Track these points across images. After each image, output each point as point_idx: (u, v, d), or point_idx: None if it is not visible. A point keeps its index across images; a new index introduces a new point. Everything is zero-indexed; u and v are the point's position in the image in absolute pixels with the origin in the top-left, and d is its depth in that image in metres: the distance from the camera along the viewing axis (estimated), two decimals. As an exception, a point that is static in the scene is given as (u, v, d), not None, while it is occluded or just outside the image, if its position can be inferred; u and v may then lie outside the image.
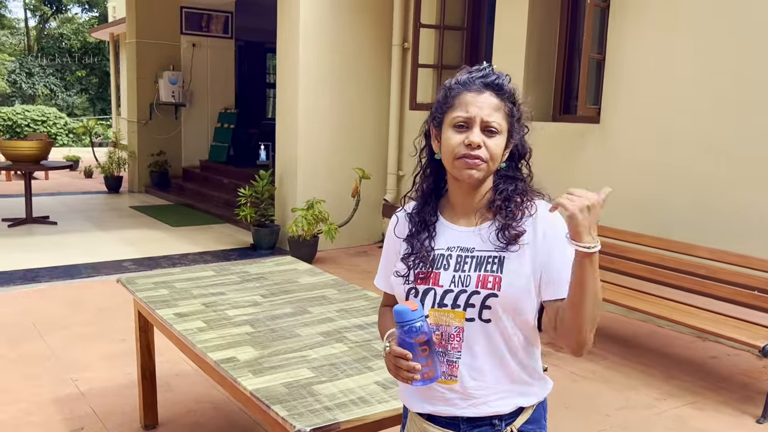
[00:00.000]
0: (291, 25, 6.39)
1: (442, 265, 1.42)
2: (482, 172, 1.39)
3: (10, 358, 3.79)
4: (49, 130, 20.78)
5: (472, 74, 1.43)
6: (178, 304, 2.60)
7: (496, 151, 1.39)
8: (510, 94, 1.42)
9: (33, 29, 29.06)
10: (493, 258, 1.39)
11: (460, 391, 1.40)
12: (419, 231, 1.48)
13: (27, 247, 6.50)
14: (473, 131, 1.37)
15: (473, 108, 1.38)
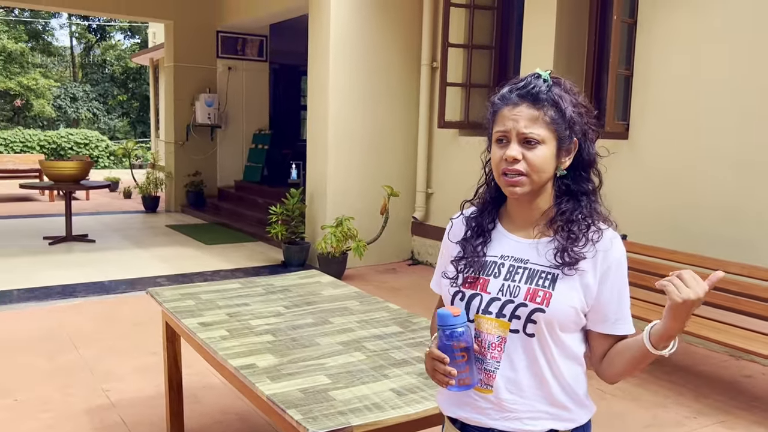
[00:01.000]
0: (321, 47, 6.53)
1: (493, 272, 1.41)
2: (525, 186, 1.37)
3: (46, 369, 3.91)
4: (91, 153, 21.45)
5: (511, 87, 1.41)
6: (203, 314, 2.67)
7: (537, 162, 1.35)
8: (552, 101, 1.37)
9: (78, 56, 30.14)
10: (546, 274, 1.38)
11: (495, 402, 1.38)
12: (474, 236, 1.47)
13: (65, 263, 6.70)
14: (511, 145, 1.36)
15: (509, 122, 1.37)
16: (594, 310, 1.38)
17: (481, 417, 1.40)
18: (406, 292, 5.87)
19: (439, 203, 6.91)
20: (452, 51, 6.43)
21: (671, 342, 1.27)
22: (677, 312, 1.21)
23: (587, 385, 1.44)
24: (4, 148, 20.48)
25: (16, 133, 21.35)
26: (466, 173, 6.35)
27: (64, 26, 29.34)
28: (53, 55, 28.74)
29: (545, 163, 1.36)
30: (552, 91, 1.37)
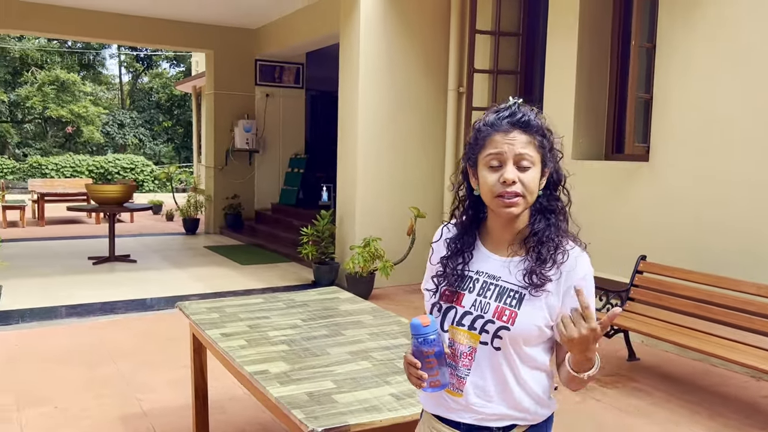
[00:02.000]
0: (351, 74, 6.77)
1: (468, 287, 1.52)
2: (520, 207, 1.46)
3: (85, 380, 4.15)
4: (136, 177, 22.21)
5: (499, 114, 1.49)
6: (225, 326, 2.85)
7: (532, 184, 1.45)
8: (538, 128, 1.48)
9: (126, 84, 31.35)
10: (514, 293, 1.47)
11: (464, 405, 1.50)
12: (455, 255, 1.55)
13: (107, 282, 7.02)
14: (507, 168, 1.44)
15: (504, 146, 1.45)
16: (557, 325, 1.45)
17: (452, 415, 1.54)
18: (432, 312, 5.98)
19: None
20: (478, 76, 6.60)
21: (589, 367, 1.39)
22: (571, 347, 1.36)
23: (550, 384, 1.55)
24: (55, 172, 21.39)
25: (67, 158, 22.28)
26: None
27: (113, 56, 30.59)
28: (103, 84, 29.96)
29: (536, 184, 1.47)
30: (537, 118, 1.50)
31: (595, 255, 5.01)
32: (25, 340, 4.96)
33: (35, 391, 3.94)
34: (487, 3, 6.53)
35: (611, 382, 4.20)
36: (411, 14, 6.83)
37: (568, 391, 3.86)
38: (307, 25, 8.98)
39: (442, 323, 1.53)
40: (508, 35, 6.59)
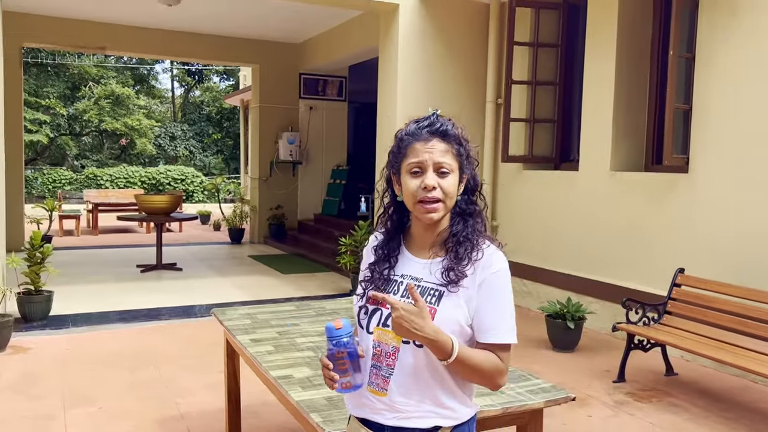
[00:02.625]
0: (390, 87, 6.86)
1: (393, 290, 1.59)
2: (440, 212, 1.55)
3: (128, 383, 4.32)
4: (186, 188, 22.83)
5: (419, 124, 1.60)
6: (255, 332, 2.95)
7: (450, 190, 1.54)
8: (455, 137, 1.58)
9: (178, 98, 32.31)
10: (434, 291, 1.54)
11: (388, 404, 1.55)
12: (381, 261, 1.64)
13: (154, 289, 7.26)
14: (427, 174, 1.53)
15: (424, 154, 1.55)
16: (474, 321, 1.54)
17: (377, 417, 1.58)
18: (468, 323, 5.99)
19: (505, 235, 7.00)
20: (516, 87, 6.61)
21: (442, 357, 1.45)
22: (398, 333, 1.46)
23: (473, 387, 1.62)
24: (110, 183, 22.18)
25: (121, 169, 23.09)
26: (532, 206, 6.50)
27: (166, 71, 31.61)
28: (156, 98, 30.95)
29: (454, 190, 1.56)
30: (454, 128, 1.60)
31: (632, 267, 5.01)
32: (75, 343, 5.19)
33: (81, 392, 4.12)
34: (525, 15, 6.54)
35: (646, 396, 4.14)
36: (449, 27, 6.90)
37: (601, 406, 3.84)
38: (350, 39, 9.14)
39: (368, 325, 1.59)
40: (547, 46, 6.58)
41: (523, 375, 2.41)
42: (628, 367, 4.48)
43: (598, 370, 4.64)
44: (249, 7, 8.40)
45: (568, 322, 5.00)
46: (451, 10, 6.87)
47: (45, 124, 23.26)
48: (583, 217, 5.97)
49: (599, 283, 5.70)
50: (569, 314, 5.03)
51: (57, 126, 24.85)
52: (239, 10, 8.69)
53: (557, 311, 5.11)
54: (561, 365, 4.78)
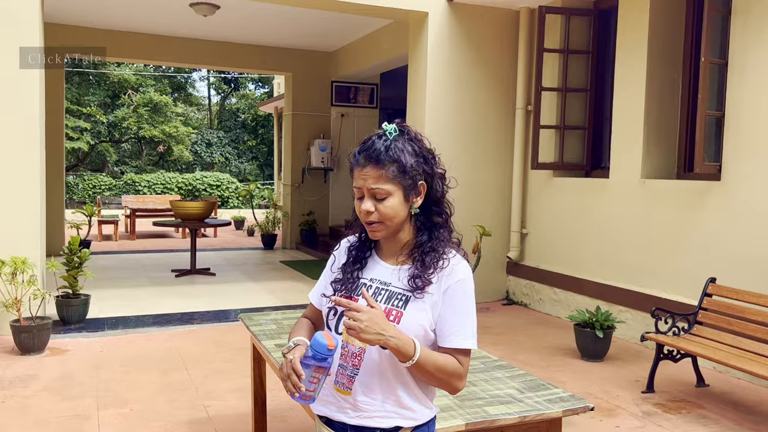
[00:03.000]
0: (419, 94, 6.90)
1: (360, 292, 1.64)
2: (381, 231, 1.61)
3: (159, 385, 4.43)
4: (221, 194, 23.19)
5: (360, 148, 1.63)
6: (280, 337, 3.01)
7: (388, 212, 1.58)
8: (391, 159, 1.57)
9: (215, 105, 32.87)
10: (401, 296, 1.60)
11: (352, 403, 1.60)
12: (352, 263, 1.70)
13: (187, 294, 7.41)
14: (364, 201, 1.59)
15: (360, 181, 1.60)
16: (437, 326, 1.59)
17: (341, 415, 1.62)
18: (496, 331, 5.98)
19: (535, 243, 6.97)
20: (546, 94, 6.58)
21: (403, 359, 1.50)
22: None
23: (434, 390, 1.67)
24: (147, 189, 22.67)
25: (159, 176, 23.59)
26: (562, 214, 6.46)
27: (203, 79, 32.18)
28: (193, 105, 31.55)
29: (395, 211, 1.59)
30: (391, 149, 1.59)
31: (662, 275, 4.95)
32: (110, 346, 5.33)
33: (115, 393, 4.24)
34: (555, 21, 6.51)
35: (676, 408, 4.08)
36: (478, 34, 6.91)
37: (629, 417, 3.79)
38: (381, 47, 9.21)
39: (336, 326, 1.63)
40: (578, 53, 6.54)
41: (542, 384, 2.41)
42: (658, 377, 4.42)
43: (626, 380, 4.59)
44: (282, 17, 8.53)
45: (596, 331, 4.95)
46: (480, 17, 6.89)
47: (86, 132, 23.91)
48: (613, 225, 5.91)
49: (629, 292, 5.63)
50: (598, 323, 4.99)
51: (98, 133, 25.52)
52: (273, 21, 8.83)
53: (586, 320, 5.07)
54: (589, 374, 4.73)
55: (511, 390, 2.34)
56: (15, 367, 4.73)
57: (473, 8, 6.84)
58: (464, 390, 2.33)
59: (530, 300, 6.98)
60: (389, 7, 6.56)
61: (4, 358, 4.94)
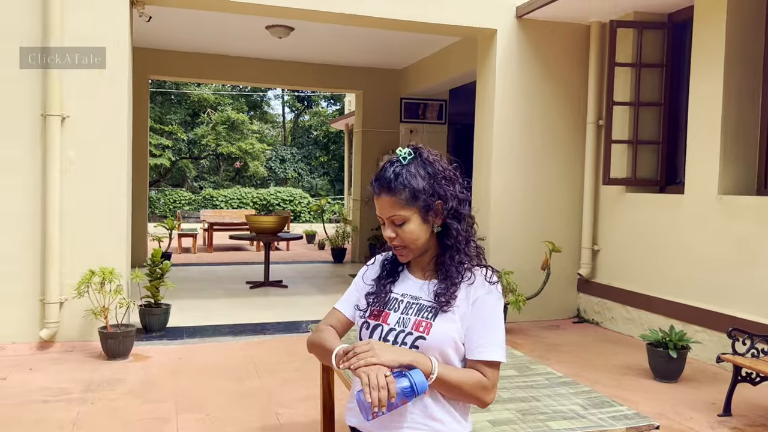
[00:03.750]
0: (487, 109, 6.93)
1: (393, 307, 1.71)
2: (407, 255, 1.68)
3: (233, 392, 4.62)
4: (294, 209, 23.76)
5: (375, 177, 1.69)
6: (348, 348, 3.11)
7: (408, 236, 1.65)
8: (402, 186, 1.62)
9: (288, 122, 33.78)
10: (430, 308, 1.65)
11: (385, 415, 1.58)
12: (386, 276, 1.78)
13: (260, 305, 7.67)
14: (385, 228, 1.67)
15: (378, 209, 1.68)
16: (466, 338, 1.62)
17: (372, 425, 1.64)
18: (565, 349, 5.90)
19: (607, 260, 6.84)
20: (618, 108, 6.48)
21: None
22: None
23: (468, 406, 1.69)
24: (224, 204, 23.50)
25: (235, 191, 24.43)
26: (635, 230, 6.34)
27: (278, 97, 33.17)
28: (268, 122, 32.55)
29: (415, 234, 1.65)
30: (401, 175, 1.63)
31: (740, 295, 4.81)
32: (188, 354, 5.60)
33: (192, 399, 4.46)
34: (627, 35, 6.43)
35: (754, 432, 3.92)
36: (547, 49, 6.89)
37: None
38: (449, 64, 9.29)
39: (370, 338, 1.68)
40: (651, 67, 6.42)
41: (607, 401, 2.40)
42: (735, 400, 4.26)
43: (701, 403, 4.44)
44: (354, 37, 8.76)
45: (670, 350, 4.82)
46: (550, 32, 6.88)
47: (168, 149, 25.07)
48: (689, 242, 5.74)
49: (705, 311, 5.45)
50: (672, 343, 4.85)
51: (178, 150, 26.70)
52: (345, 41, 9.08)
53: (659, 339, 4.94)
54: (661, 395, 4.61)
55: (574, 406, 2.35)
56: (102, 371, 5.04)
57: (542, 24, 6.84)
58: (526, 404, 2.36)
59: (602, 318, 6.83)
60: (459, 26, 6.64)
61: (92, 362, 5.27)
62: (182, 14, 7.56)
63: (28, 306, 5.55)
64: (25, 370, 5.02)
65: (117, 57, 5.70)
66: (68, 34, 5.50)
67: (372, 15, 6.30)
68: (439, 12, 6.50)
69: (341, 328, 1.86)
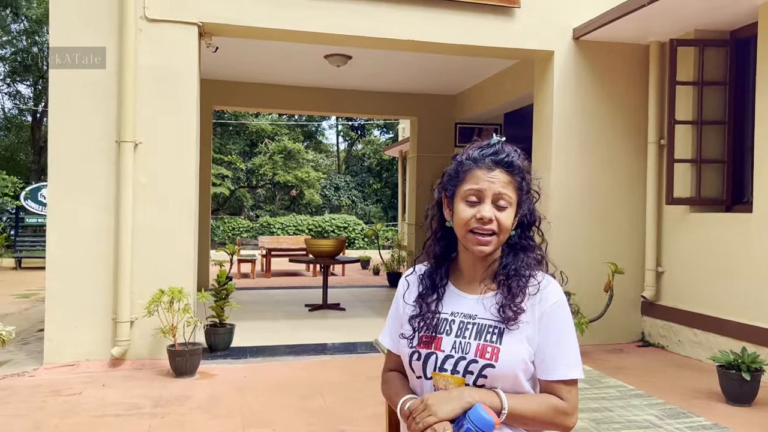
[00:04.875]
0: (545, 132, 6.93)
1: (445, 330, 1.50)
2: (492, 245, 1.48)
3: (297, 409, 4.69)
4: (348, 235, 24.00)
5: (483, 151, 1.53)
6: (414, 361, 3.15)
7: (507, 224, 1.48)
8: (520, 169, 1.51)
9: (342, 151, 34.32)
10: (493, 328, 1.46)
11: None
12: (428, 293, 1.55)
13: (320, 326, 7.77)
14: (484, 206, 1.46)
15: (484, 183, 1.47)
16: (536, 358, 1.46)
17: None
18: (631, 372, 5.75)
19: (671, 282, 6.67)
20: (680, 128, 6.38)
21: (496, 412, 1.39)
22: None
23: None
24: (281, 231, 23.93)
25: (291, 218, 24.88)
26: (700, 251, 6.19)
27: (332, 127, 33.83)
28: (322, 152, 33.17)
29: (509, 224, 1.49)
30: (518, 160, 1.52)
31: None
32: (252, 372, 5.72)
33: (258, 415, 4.55)
34: (688, 54, 6.35)
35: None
36: (605, 70, 6.87)
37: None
38: (504, 88, 9.34)
39: (424, 370, 1.50)
40: (713, 85, 6.31)
41: (683, 412, 2.37)
42: (816, 425, 4.08)
43: (779, 427, 4.26)
44: (409, 64, 8.92)
45: (743, 372, 4.65)
46: (607, 53, 6.85)
47: (227, 178, 25.77)
48: (759, 262, 5.56)
49: (780, 334, 5.25)
50: (744, 364, 4.69)
51: (237, 179, 27.42)
52: (400, 68, 9.26)
53: (731, 361, 4.78)
54: (734, 419, 4.44)
55: (649, 416, 2.32)
56: (171, 388, 5.20)
57: (600, 45, 6.83)
58: (600, 414, 2.34)
59: (668, 342, 6.64)
60: (516, 48, 6.70)
61: (161, 379, 5.44)
62: (244, 45, 7.88)
63: (101, 324, 5.79)
64: (99, 386, 5.22)
65: (186, 87, 5.97)
66: (141, 65, 5.80)
67: (430, 40, 6.43)
68: (496, 35, 6.58)
69: (400, 367, 1.67)
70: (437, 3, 6.37)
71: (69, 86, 5.74)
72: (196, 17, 5.94)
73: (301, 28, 6.16)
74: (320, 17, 6.17)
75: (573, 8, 6.74)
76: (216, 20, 6.00)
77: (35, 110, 23.68)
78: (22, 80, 24.36)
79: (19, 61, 22.99)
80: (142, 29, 5.81)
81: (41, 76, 23.51)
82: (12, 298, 10.17)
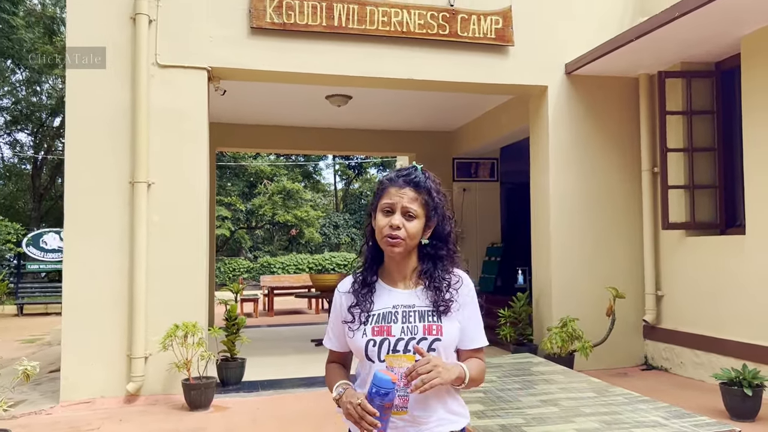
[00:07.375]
0: (542, 165, 7.18)
1: (392, 319, 1.84)
2: (401, 248, 1.83)
3: (313, 437, 4.80)
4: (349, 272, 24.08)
5: (398, 173, 1.90)
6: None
7: (413, 232, 1.83)
8: (426, 189, 1.87)
9: (340, 190, 34.65)
10: (431, 312, 1.84)
11: (409, 420, 1.78)
12: (360, 288, 1.91)
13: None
14: (395, 216, 1.83)
15: (396, 197, 1.84)
16: (461, 332, 1.87)
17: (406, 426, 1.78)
18: (636, 394, 5.86)
19: (672, 305, 6.83)
20: (672, 155, 6.63)
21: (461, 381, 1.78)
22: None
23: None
24: (281, 270, 24.02)
25: (291, 257, 25.00)
26: (698, 273, 6.39)
27: (329, 166, 34.21)
28: (320, 191, 33.46)
29: (417, 233, 1.85)
30: (427, 181, 1.89)
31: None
32: (265, 404, 5.82)
33: (274, 443, 4.65)
34: (676, 85, 6.64)
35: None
36: (598, 102, 7.15)
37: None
38: (500, 123, 9.62)
39: (378, 354, 1.80)
40: (702, 114, 6.59)
41: (687, 413, 2.52)
42: (818, 436, 4.21)
43: (783, 440, 4.38)
44: (407, 102, 9.21)
45: (745, 388, 4.79)
46: (599, 86, 7.15)
47: (227, 219, 25.96)
48: (755, 283, 5.74)
49: (779, 350, 5.40)
50: (746, 381, 4.83)
51: (237, 220, 27.61)
52: (398, 107, 9.54)
53: (732, 378, 4.92)
54: (740, 434, 4.56)
55: (656, 417, 2.48)
56: (186, 421, 5.29)
57: (591, 79, 7.13)
58: (609, 417, 2.50)
59: (671, 364, 6.77)
60: (511, 84, 6.99)
61: (176, 413, 5.54)
62: (246, 88, 8.12)
63: (116, 361, 5.89)
64: (116, 421, 5.32)
65: (197, 128, 6.22)
66: (153, 108, 6.05)
67: (429, 78, 6.71)
68: (492, 72, 6.87)
69: (342, 360, 2.02)
70: (436, 43, 6.67)
71: (83, 131, 5.96)
72: (205, 62, 6.21)
73: (308, 70, 6.44)
74: (327, 60, 6.44)
75: (565, 44, 7.07)
76: (224, 64, 6.27)
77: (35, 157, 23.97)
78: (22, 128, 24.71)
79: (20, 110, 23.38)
80: (154, 75, 6.07)
81: (41, 124, 23.88)
82: (17, 344, 10.24)
